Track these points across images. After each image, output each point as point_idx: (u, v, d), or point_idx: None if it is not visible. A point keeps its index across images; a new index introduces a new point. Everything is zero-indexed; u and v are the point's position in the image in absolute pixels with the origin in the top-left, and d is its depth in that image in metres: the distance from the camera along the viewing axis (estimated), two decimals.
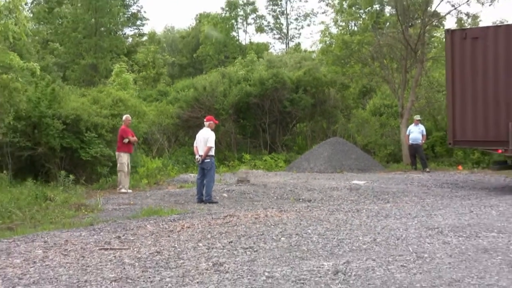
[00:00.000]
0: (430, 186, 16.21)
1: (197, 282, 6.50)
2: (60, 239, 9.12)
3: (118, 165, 15.40)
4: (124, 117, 15.89)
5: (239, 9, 53.59)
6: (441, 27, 25.17)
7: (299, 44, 54.52)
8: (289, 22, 56.14)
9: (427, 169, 20.29)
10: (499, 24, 17.47)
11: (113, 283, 6.56)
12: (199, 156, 13.57)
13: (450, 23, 25.78)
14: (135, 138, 15.83)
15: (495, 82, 14.86)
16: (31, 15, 39.68)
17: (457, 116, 15.44)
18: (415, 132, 20.68)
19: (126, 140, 15.27)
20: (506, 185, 16.34)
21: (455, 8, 24.05)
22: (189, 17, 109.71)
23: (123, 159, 15.26)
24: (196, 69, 45.48)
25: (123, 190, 15.19)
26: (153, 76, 37.03)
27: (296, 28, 57.65)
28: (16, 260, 7.77)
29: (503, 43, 14.80)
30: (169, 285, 6.42)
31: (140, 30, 49.29)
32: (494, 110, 14.82)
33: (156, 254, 7.94)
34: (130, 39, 46.74)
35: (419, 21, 24.07)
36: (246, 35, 56.05)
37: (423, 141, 21.07)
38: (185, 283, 6.48)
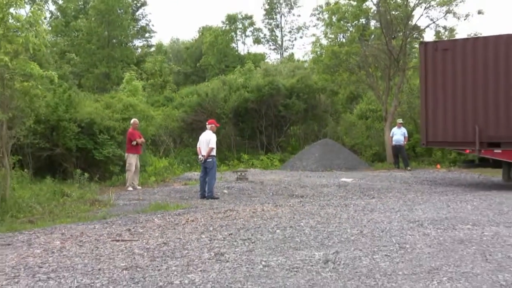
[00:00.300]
0: (411, 183, 16.24)
1: (200, 271, 6.51)
2: (76, 231, 9.12)
3: (126, 165, 15.38)
4: (131, 121, 15.81)
5: (238, 23, 53.59)
6: (421, 39, 25.18)
7: (292, 54, 54.49)
8: (284, 35, 56.20)
9: (409, 168, 20.32)
10: (467, 37, 17.58)
11: (124, 271, 6.57)
12: (202, 156, 13.57)
13: (429, 36, 25.94)
14: (142, 139, 15.75)
15: (463, 89, 15.05)
16: (50, 28, 39.67)
17: (430, 120, 15.64)
18: (398, 134, 20.75)
19: (134, 143, 15.22)
20: (480, 182, 16.37)
21: (434, 22, 24.13)
22: (192, 29, 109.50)
23: (131, 159, 15.23)
24: (199, 77, 45.35)
25: (129, 189, 15.14)
26: (160, 84, 36.93)
27: (290, 40, 57.33)
28: (36, 250, 7.77)
29: (470, 55, 14.99)
30: (175, 273, 6.43)
31: (149, 42, 49.30)
32: (462, 115, 15.02)
33: (163, 245, 7.94)
34: (139, 50, 46.72)
35: (401, 33, 24.09)
36: (245, 46, 55.78)
37: (405, 142, 21.11)
38: (190, 271, 6.48)
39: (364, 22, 27.11)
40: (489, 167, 15.99)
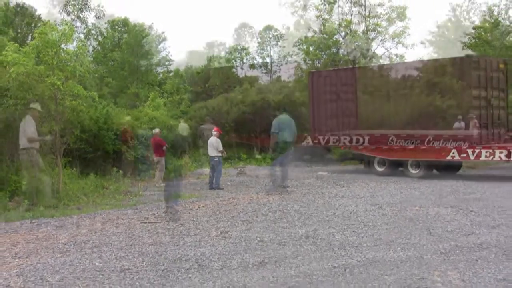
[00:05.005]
0: (373, 175, 16.21)
1: (210, 245, 6.51)
2: (113, 216, 9.10)
3: (159, 166, 14.72)
4: (156, 131, 15.14)
5: (237, 53, 53.66)
6: (379, 63, 25.23)
7: (279, 76, 54.52)
8: (273, 61, 56.32)
9: None
10: (336, 68, 18.49)
11: (150, 246, 6.56)
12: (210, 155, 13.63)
13: (385, 61, 26.04)
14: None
15: (337, 105, 16.44)
16: (92, 58, 39.54)
17: (316, 126, 17.00)
18: None
19: (164, 148, 14.61)
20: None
21: (387, 51, 24.39)
22: (202, 58, 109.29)
23: (163, 161, 14.65)
24: (208, 95, 45.03)
25: (162, 184, 14.49)
26: (178, 100, 36.83)
27: (277, 65, 57.44)
28: (82, 231, 7.75)
29: (339, 81, 16.45)
30: (190, 247, 6.42)
31: (168, 68, 49.24)
32: (338, 122, 16.41)
33: (180, 226, 7.93)
34: (161, 75, 46.68)
35: (363, 60, 24.18)
36: (242, 70, 55.82)
37: None
38: (201, 246, 6.48)
39: (334, 51, 27.15)
40: (358, 160, 17.40)
